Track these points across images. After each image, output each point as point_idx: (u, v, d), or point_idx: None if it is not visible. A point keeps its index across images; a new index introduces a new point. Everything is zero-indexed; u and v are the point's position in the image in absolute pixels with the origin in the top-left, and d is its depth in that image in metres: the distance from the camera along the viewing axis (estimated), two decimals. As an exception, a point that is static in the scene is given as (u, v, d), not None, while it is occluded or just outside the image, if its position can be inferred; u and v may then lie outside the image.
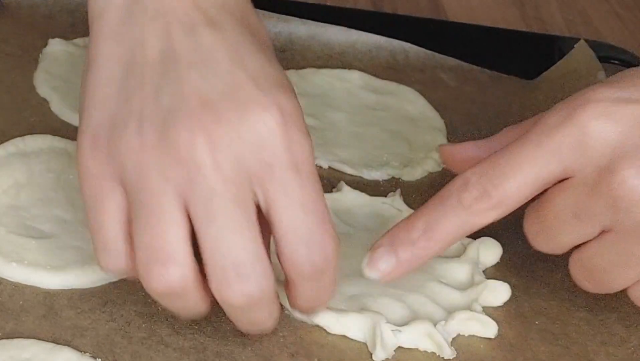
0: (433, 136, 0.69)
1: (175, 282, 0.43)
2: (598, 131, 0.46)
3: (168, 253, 0.43)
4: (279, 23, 0.77)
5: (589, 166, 0.47)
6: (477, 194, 0.48)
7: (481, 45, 0.84)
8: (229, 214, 0.43)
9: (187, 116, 0.43)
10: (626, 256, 0.47)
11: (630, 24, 0.95)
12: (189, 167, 0.43)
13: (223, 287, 0.44)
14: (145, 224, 0.43)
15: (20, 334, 0.48)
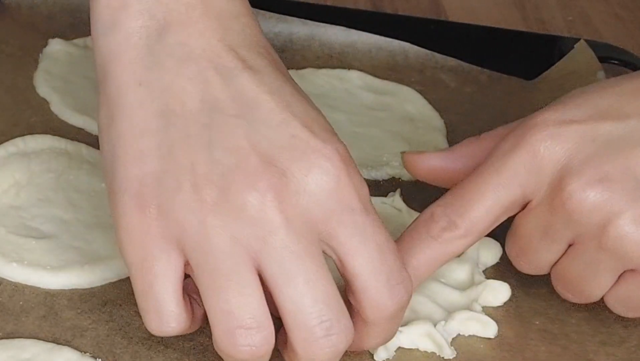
0: (433, 136, 0.69)
1: (262, 348, 0.42)
2: (547, 153, 0.48)
3: (253, 320, 0.42)
4: (279, 23, 0.77)
5: (543, 186, 0.49)
6: (444, 224, 0.49)
7: (481, 46, 0.83)
8: (305, 272, 0.42)
9: (249, 176, 0.41)
10: (593, 264, 0.49)
11: (630, 24, 0.95)
12: (260, 227, 0.41)
13: (310, 346, 0.42)
14: (220, 289, 0.42)
15: (20, 334, 0.48)
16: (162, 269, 0.43)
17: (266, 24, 0.76)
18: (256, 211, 0.41)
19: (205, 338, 0.49)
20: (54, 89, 0.66)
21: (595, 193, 0.47)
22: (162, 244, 0.42)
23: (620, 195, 0.47)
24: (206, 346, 0.49)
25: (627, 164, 0.48)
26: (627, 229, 0.47)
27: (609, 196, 0.47)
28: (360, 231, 0.43)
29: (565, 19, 0.95)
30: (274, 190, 0.41)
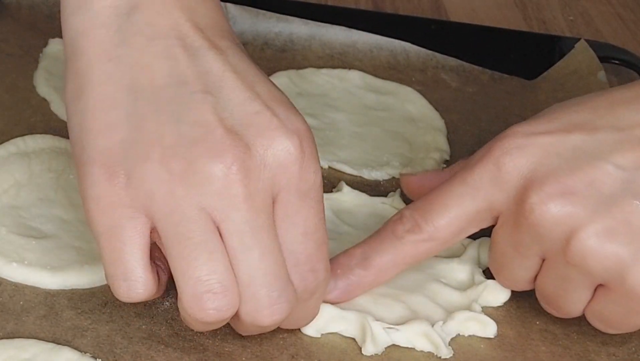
0: (433, 136, 0.69)
1: (228, 311, 0.44)
2: (511, 165, 0.48)
3: (220, 286, 0.43)
4: (279, 23, 0.77)
5: (507, 199, 0.49)
6: (409, 226, 0.50)
7: (482, 46, 0.84)
8: (260, 246, 0.44)
9: (215, 147, 0.43)
10: (565, 280, 0.49)
11: (631, 24, 0.95)
12: (225, 200, 0.43)
13: (257, 314, 0.44)
14: (187, 255, 0.43)
15: (20, 334, 0.48)
16: (131, 236, 0.43)
17: (266, 24, 0.77)
18: (221, 183, 0.43)
19: (205, 338, 0.49)
20: (54, 89, 0.66)
21: (557, 206, 0.47)
22: (130, 212, 0.43)
23: (582, 208, 0.46)
24: (206, 346, 0.49)
25: (591, 177, 0.47)
26: (589, 243, 0.46)
27: (570, 209, 0.46)
28: (291, 212, 0.45)
29: (566, 19, 0.95)
30: (238, 163, 0.43)
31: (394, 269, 0.51)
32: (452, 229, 0.50)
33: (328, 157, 0.65)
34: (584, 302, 0.49)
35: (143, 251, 0.44)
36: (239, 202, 0.43)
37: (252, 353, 0.49)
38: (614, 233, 0.46)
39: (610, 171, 0.47)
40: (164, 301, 0.51)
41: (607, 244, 0.46)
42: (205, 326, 0.45)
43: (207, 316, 0.43)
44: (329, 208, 0.59)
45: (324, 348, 0.50)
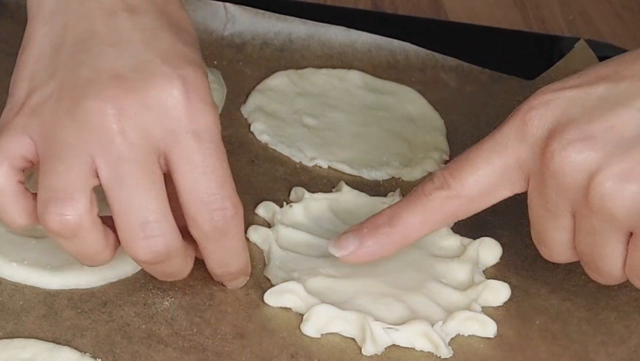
0: (433, 136, 0.69)
1: (70, 220, 0.46)
2: (536, 119, 0.49)
3: (66, 192, 0.46)
4: (279, 23, 0.77)
5: (534, 155, 0.49)
6: (438, 184, 0.51)
7: (482, 45, 0.84)
8: (135, 177, 0.46)
9: (99, 87, 0.47)
10: (594, 233, 0.48)
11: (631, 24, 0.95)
12: (99, 133, 0.46)
13: (131, 245, 0.47)
14: (50, 169, 0.46)
15: (20, 334, 0.48)
16: (12, 145, 0.47)
17: (265, 24, 0.77)
18: (97, 118, 0.46)
19: (205, 338, 0.49)
20: (54, 89, 0.66)
21: (576, 152, 0.47)
22: (18, 133, 0.47)
23: (601, 152, 0.46)
24: (206, 346, 0.49)
25: (611, 122, 0.47)
26: (607, 185, 0.46)
27: (589, 154, 0.46)
28: (187, 153, 0.47)
29: (566, 19, 0.95)
30: (114, 101, 0.46)
31: (422, 227, 0.52)
32: (480, 186, 0.50)
33: (328, 157, 0.65)
34: (620, 258, 0.48)
35: (12, 166, 0.47)
36: (112, 135, 0.46)
37: (252, 353, 0.49)
38: (632, 174, 0.46)
39: (631, 115, 0.47)
40: (164, 301, 0.51)
41: (625, 185, 0.46)
42: (59, 239, 0.47)
43: (52, 222, 0.46)
44: (329, 208, 0.59)
45: (324, 348, 0.50)
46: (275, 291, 0.52)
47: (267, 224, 0.58)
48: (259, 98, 0.70)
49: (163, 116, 0.47)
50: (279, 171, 0.63)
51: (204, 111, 0.48)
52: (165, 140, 0.47)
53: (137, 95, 0.47)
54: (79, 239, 0.47)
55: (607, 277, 0.50)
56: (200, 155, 0.47)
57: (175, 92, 0.47)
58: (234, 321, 0.51)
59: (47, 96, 0.48)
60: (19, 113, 0.48)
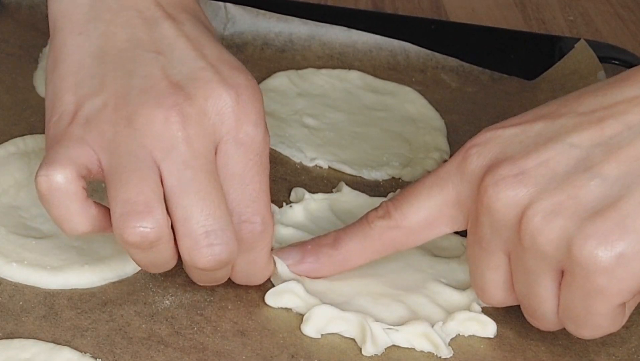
0: (433, 136, 0.69)
1: (150, 233, 0.46)
2: (474, 155, 0.49)
3: (145, 205, 0.46)
4: (279, 23, 0.77)
5: (472, 191, 0.49)
6: (381, 213, 0.52)
7: (482, 46, 0.84)
8: (199, 184, 0.46)
9: (156, 95, 0.47)
10: (527, 272, 0.48)
11: (631, 24, 0.95)
12: (163, 141, 0.46)
13: (194, 253, 0.47)
14: (121, 181, 0.46)
15: (20, 334, 0.48)
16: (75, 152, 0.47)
17: (266, 24, 0.77)
18: (161, 125, 0.46)
19: (205, 337, 0.49)
20: (54, 89, 0.66)
21: (508, 187, 0.47)
22: (77, 141, 0.47)
23: (533, 187, 0.46)
24: (206, 345, 0.49)
25: (544, 158, 0.47)
26: (536, 220, 0.46)
27: (520, 189, 0.46)
28: (229, 160, 0.48)
29: (566, 19, 0.95)
30: (178, 108, 0.47)
31: (362, 254, 0.52)
32: (419, 218, 0.51)
33: (328, 157, 0.65)
34: (554, 300, 0.47)
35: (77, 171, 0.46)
36: (177, 143, 0.46)
37: (252, 352, 0.49)
38: (561, 208, 0.45)
39: (564, 149, 0.47)
40: (164, 300, 0.51)
41: (554, 219, 0.45)
42: (135, 250, 0.47)
43: (132, 235, 0.45)
44: (329, 208, 0.59)
45: (324, 348, 0.50)
46: (276, 292, 0.52)
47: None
48: (259, 98, 0.70)
49: (219, 123, 0.47)
50: (279, 171, 0.63)
51: (255, 122, 0.48)
52: (219, 145, 0.48)
53: (196, 102, 0.47)
54: (156, 250, 0.47)
55: (543, 321, 0.49)
56: (241, 165, 0.48)
57: (230, 100, 0.48)
58: (235, 318, 0.51)
59: (101, 105, 0.47)
60: (73, 123, 0.47)
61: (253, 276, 0.51)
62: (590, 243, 0.44)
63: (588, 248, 0.44)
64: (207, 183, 0.47)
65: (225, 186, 0.48)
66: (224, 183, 0.48)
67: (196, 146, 0.47)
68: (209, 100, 0.47)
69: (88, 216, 0.47)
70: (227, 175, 0.48)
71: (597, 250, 0.44)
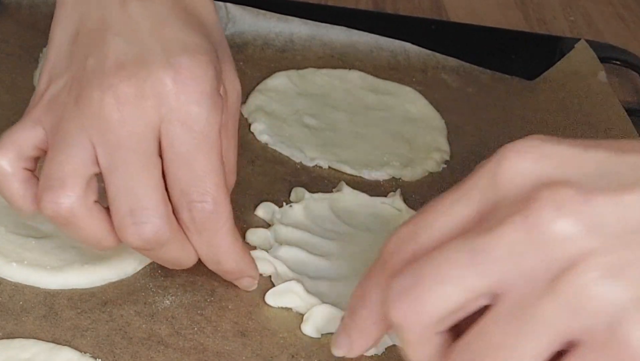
0: (433, 136, 0.69)
1: (62, 208, 0.46)
2: (517, 160, 0.38)
3: (60, 181, 0.46)
4: (280, 23, 0.77)
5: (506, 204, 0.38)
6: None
7: (482, 46, 0.84)
8: (129, 164, 0.47)
9: (101, 77, 0.48)
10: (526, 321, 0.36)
11: (632, 24, 0.95)
12: (99, 122, 0.47)
13: (121, 231, 0.47)
14: (49, 157, 0.48)
15: (20, 334, 0.48)
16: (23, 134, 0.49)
17: (267, 24, 0.77)
18: (97, 106, 0.47)
19: (205, 338, 0.49)
20: (54, 89, 0.66)
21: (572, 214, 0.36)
22: (31, 122, 0.49)
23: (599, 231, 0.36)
24: (206, 346, 0.49)
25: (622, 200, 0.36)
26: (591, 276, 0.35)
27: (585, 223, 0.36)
28: (174, 142, 0.48)
29: (567, 19, 0.95)
30: (114, 90, 0.47)
31: None
32: None
33: (328, 157, 0.65)
34: None
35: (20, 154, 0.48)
36: (110, 124, 0.47)
37: (252, 353, 0.49)
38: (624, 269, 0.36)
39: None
40: (164, 300, 0.51)
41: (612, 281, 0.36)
42: (57, 225, 0.47)
43: (45, 209, 0.47)
44: (329, 208, 0.59)
45: (324, 348, 0.50)
46: (276, 292, 0.52)
47: (267, 225, 0.58)
48: (259, 98, 0.70)
49: (159, 104, 0.47)
50: (279, 171, 0.63)
51: (198, 101, 0.48)
52: (161, 127, 0.48)
53: (135, 83, 0.47)
54: (74, 225, 0.47)
55: None
56: (184, 145, 0.48)
57: (168, 81, 0.47)
58: (235, 318, 0.51)
59: (61, 87, 0.49)
60: (37, 105, 0.49)
61: (220, 262, 0.51)
62: None
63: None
64: (137, 163, 0.47)
65: (172, 168, 0.48)
66: (171, 164, 0.48)
67: (130, 127, 0.47)
68: (147, 81, 0.47)
69: (30, 195, 0.48)
70: (173, 156, 0.48)
71: None
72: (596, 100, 0.75)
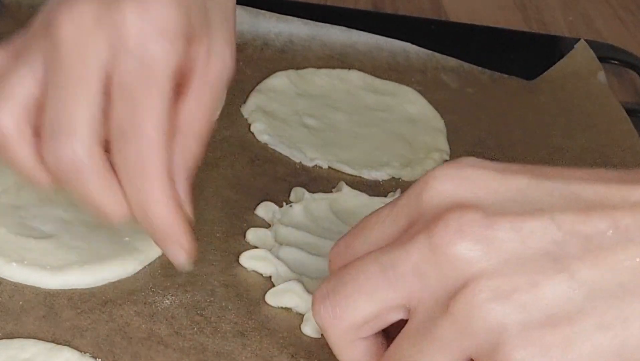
0: (433, 136, 0.69)
1: (69, 158, 0.45)
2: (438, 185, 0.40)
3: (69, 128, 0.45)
4: (279, 23, 0.77)
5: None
6: None
7: (482, 46, 0.84)
8: (69, 82, 0.45)
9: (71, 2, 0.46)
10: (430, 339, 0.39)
11: (630, 25, 0.95)
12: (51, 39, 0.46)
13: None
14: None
15: (20, 334, 0.48)
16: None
17: (266, 24, 0.77)
18: (55, 27, 0.46)
19: (205, 338, 0.49)
20: (54, 89, 0.66)
21: (470, 237, 0.38)
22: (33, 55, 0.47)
23: (495, 254, 0.38)
24: (206, 346, 0.49)
25: (521, 224, 0.38)
26: (481, 297, 0.38)
27: (483, 246, 0.38)
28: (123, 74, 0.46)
29: (566, 20, 0.95)
30: (75, 10, 0.46)
31: None
32: None
33: (328, 157, 0.65)
34: None
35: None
36: (60, 41, 0.45)
37: (252, 353, 0.49)
38: (514, 294, 0.37)
39: (545, 224, 0.38)
40: (164, 300, 0.51)
41: (500, 304, 0.37)
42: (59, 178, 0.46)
43: (49, 159, 0.45)
44: (329, 208, 0.59)
45: (324, 348, 0.50)
46: (276, 292, 0.52)
47: (267, 224, 0.58)
48: (259, 98, 0.70)
49: (114, 33, 0.45)
50: (279, 171, 0.63)
51: (155, 37, 0.46)
52: (111, 60, 0.46)
53: (95, 7, 0.46)
54: (80, 180, 0.45)
55: None
56: (129, 76, 0.46)
57: (128, 11, 0.45)
58: (235, 319, 0.51)
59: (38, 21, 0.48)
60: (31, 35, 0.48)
61: (147, 211, 0.47)
62: (529, 350, 0.37)
63: (522, 355, 0.37)
64: (76, 84, 0.45)
65: (114, 100, 0.46)
66: (113, 96, 0.46)
67: (78, 48, 0.45)
68: (110, 8, 0.45)
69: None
70: (116, 88, 0.46)
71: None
72: (596, 100, 0.75)
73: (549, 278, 0.37)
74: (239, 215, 0.58)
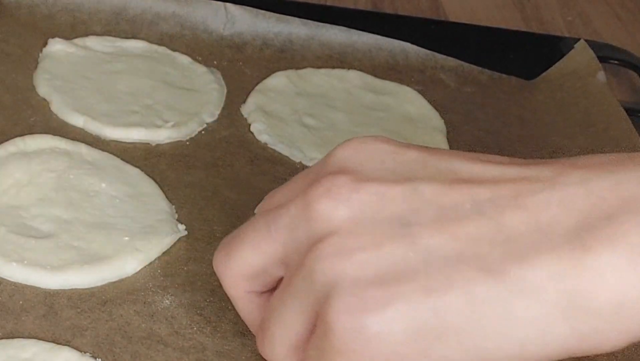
0: (433, 136, 0.69)
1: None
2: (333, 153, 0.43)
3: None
4: (279, 23, 0.77)
5: None
6: None
7: (481, 46, 0.84)
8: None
9: None
10: (291, 292, 0.41)
11: (630, 25, 0.95)
12: None
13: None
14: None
15: (20, 334, 0.48)
16: None
17: (265, 24, 0.77)
18: None
19: (205, 337, 0.49)
20: (54, 89, 0.66)
21: (340, 197, 0.40)
22: None
23: (351, 212, 0.40)
24: (206, 346, 0.49)
25: (386, 189, 0.40)
26: (327, 251, 0.39)
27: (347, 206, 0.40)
28: None
29: (565, 19, 0.95)
30: None
31: None
32: None
33: (327, 157, 0.65)
34: (293, 337, 0.41)
35: None
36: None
37: (252, 352, 0.49)
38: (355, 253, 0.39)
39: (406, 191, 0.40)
40: (164, 299, 0.51)
41: (340, 261, 0.39)
42: None
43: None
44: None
45: (324, 347, 0.50)
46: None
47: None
48: (259, 98, 0.70)
49: None
50: (279, 171, 0.63)
51: None
52: None
53: None
54: None
55: (269, 347, 0.43)
56: None
57: None
58: (235, 318, 0.51)
59: None
60: None
61: None
62: (349, 301, 0.38)
63: (340, 306, 0.38)
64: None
65: None
66: None
67: None
68: None
69: None
70: None
71: (344, 315, 0.38)
72: (595, 100, 0.75)
73: (393, 240, 0.39)
74: (239, 215, 0.58)
